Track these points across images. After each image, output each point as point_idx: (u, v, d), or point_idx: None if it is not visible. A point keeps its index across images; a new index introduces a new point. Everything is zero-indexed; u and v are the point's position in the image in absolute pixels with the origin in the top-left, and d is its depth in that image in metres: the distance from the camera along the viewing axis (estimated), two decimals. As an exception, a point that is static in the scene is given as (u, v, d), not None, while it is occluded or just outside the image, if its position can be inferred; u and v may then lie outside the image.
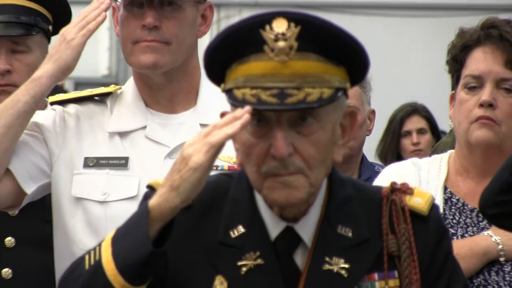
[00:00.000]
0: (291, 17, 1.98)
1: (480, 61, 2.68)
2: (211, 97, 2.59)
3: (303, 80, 1.98)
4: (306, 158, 2.01)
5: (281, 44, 1.98)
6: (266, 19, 1.99)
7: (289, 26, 1.98)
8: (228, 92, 2.04)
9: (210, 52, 2.06)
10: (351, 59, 2.04)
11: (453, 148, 2.83)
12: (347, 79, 2.05)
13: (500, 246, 2.59)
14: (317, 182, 2.05)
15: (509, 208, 2.38)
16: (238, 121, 1.95)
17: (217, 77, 2.09)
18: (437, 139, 5.14)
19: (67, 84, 2.55)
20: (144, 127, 2.74)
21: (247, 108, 1.96)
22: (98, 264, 1.97)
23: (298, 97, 1.97)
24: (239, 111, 1.96)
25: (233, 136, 1.97)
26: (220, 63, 2.06)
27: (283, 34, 1.98)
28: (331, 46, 2.01)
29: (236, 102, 2.00)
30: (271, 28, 1.98)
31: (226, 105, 2.07)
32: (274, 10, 2.02)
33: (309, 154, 2.01)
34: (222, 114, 2.03)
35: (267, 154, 2.00)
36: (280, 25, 1.98)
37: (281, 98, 1.97)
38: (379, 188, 2.16)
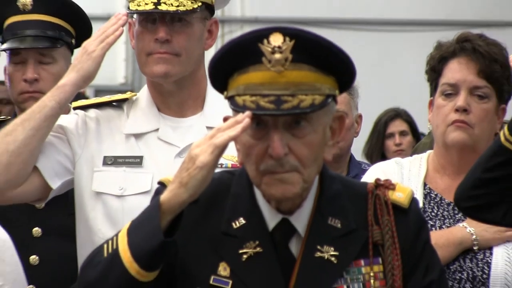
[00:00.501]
0: (286, 32, 2.00)
1: (456, 71, 2.68)
2: (216, 103, 2.57)
3: (297, 88, 2.00)
4: (300, 157, 2.02)
5: (277, 56, 1.99)
6: (264, 34, 2.00)
7: (284, 40, 1.99)
8: (230, 99, 2.05)
9: (214, 63, 2.07)
10: (339, 69, 2.05)
11: (431, 148, 2.83)
12: (336, 87, 2.06)
13: (474, 237, 2.59)
14: (310, 179, 2.06)
15: (481, 202, 2.39)
16: (239, 124, 1.96)
17: (220, 85, 2.10)
18: (417, 140, 5.12)
19: (88, 91, 2.54)
20: (157, 130, 2.74)
21: (247, 113, 1.97)
22: (115, 253, 1.97)
23: (293, 103, 1.98)
24: (240, 116, 1.97)
25: (235, 138, 1.98)
26: (222, 73, 2.07)
27: (279, 47, 1.99)
28: (321, 58, 2.02)
29: (237, 108, 2.01)
30: (268, 42, 1.99)
31: (229, 110, 2.08)
32: (272, 25, 2.03)
33: (302, 154, 2.02)
34: (225, 119, 2.04)
35: (265, 154, 2.01)
36: (276, 39, 1.99)
37: (278, 104, 1.98)
38: (364, 184, 2.17)
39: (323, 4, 9.05)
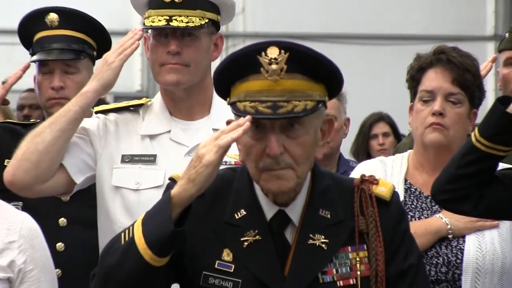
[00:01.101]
0: (282, 46, 2.01)
1: (433, 79, 2.69)
2: (221, 108, 2.54)
3: (291, 95, 2.01)
4: (294, 156, 2.03)
5: (273, 66, 2.00)
6: (262, 47, 2.02)
7: (280, 53, 2.01)
8: (232, 105, 2.06)
9: (219, 72, 2.09)
10: (329, 78, 2.07)
11: (411, 148, 2.83)
12: (326, 94, 2.08)
13: (449, 226, 2.61)
14: (303, 175, 2.07)
15: (454, 195, 2.40)
16: (240, 127, 1.98)
17: (224, 92, 2.11)
18: (398, 140, 5.12)
19: (108, 97, 2.53)
20: (169, 131, 2.75)
21: (248, 117, 1.99)
22: (132, 241, 1.99)
23: (287, 108, 2.00)
24: (241, 120, 1.99)
25: (237, 140, 2.00)
26: (226, 82, 2.09)
27: (275, 59, 2.00)
28: (313, 68, 2.04)
29: (239, 113, 2.03)
30: (266, 54, 2.01)
31: (232, 115, 2.09)
32: (269, 40, 2.05)
33: (296, 153, 2.03)
34: (228, 122, 2.06)
35: (263, 153, 2.03)
36: (273, 52, 2.01)
37: (274, 109, 1.99)
38: (352, 179, 2.18)
39: (316, 20, 8.99)
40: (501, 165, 2.46)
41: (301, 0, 9.15)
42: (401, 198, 2.55)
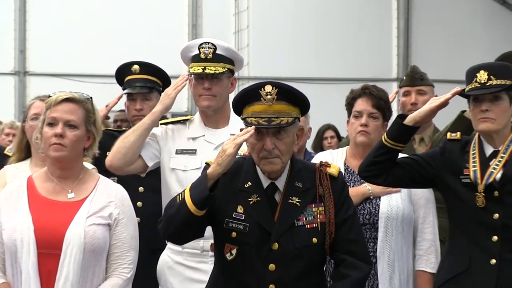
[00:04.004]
0: (274, 84, 2.03)
1: (360, 104, 2.66)
2: (235, 121, 2.54)
3: (279, 113, 2.02)
4: (280, 150, 2.04)
5: (268, 97, 2.02)
6: (261, 85, 2.04)
7: (272, 88, 2.02)
8: (243, 119, 2.08)
9: (235, 100, 2.10)
10: (301, 104, 2.08)
11: (348, 145, 2.81)
12: (299, 113, 2.09)
13: (370, 191, 2.58)
14: (286, 161, 2.08)
15: (372, 173, 2.39)
16: (248, 133, 2.00)
17: (238, 112, 2.12)
18: (340, 140, 5.10)
19: (168, 115, 2.56)
20: (204, 135, 2.73)
21: (253, 127, 2.01)
22: (183, 200, 1.99)
23: (277, 122, 2.01)
24: (249, 128, 2.01)
25: (246, 140, 2.01)
26: (239, 105, 2.10)
27: (269, 92, 2.02)
28: (292, 98, 2.05)
29: (247, 124, 2.04)
30: (263, 89, 2.02)
31: (242, 125, 2.09)
32: (265, 81, 2.07)
33: (282, 148, 2.04)
34: (241, 129, 2.06)
35: (262, 148, 2.04)
36: (268, 88, 2.02)
37: (269, 122, 2.01)
38: (313, 164, 2.18)
39: (293, 69, 9.03)
40: (400, 155, 2.45)
41: (284, 57, 9.14)
42: (343, 174, 2.52)
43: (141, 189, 3.10)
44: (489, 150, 2.34)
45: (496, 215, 2.24)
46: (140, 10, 8.90)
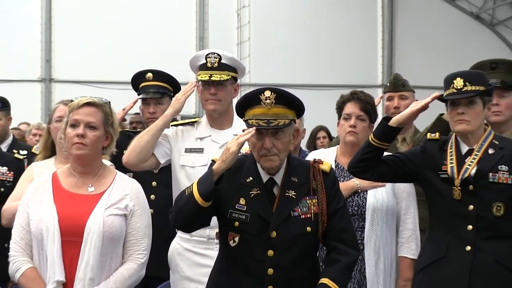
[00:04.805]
0: (272, 90, 2.01)
1: (349, 108, 2.66)
2: (238, 122, 2.52)
3: (277, 116, 2.00)
4: (278, 149, 2.02)
5: (267, 101, 2.00)
6: (261, 91, 2.02)
7: (271, 93, 2.00)
8: (245, 121, 2.05)
9: (238, 104, 2.08)
10: (297, 107, 2.06)
11: (338, 144, 2.79)
12: (295, 116, 2.06)
13: (358, 185, 2.58)
14: (283, 159, 2.06)
15: (360, 169, 2.37)
16: (249, 133, 1.97)
17: (241, 114, 2.10)
18: (331, 140, 5.09)
19: (178, 117, 2.55)
20: (210, 135, 2.71)
21: (253, 128, 1.98)
22: (191, 193, 1.97)
23: (275, 123, 1.99)
24: (250, 129, 1.99)
25: (247, 140, 1.99)
26: (242, 108, 2.07)
27: (268, 97, 2.00)
28: (289, 102, 2.03)
29: (249, 125, 2.02)
30: (263, 94, 2.00)
31: (244, 126, 2.07)
32: (264, 87, 2.05)
33: (280, 147, 2.02)
34: (243, 130, 2.04)
35: (262, 147, 2.02)
36: (267, 93, 2.00)
37: (268, 123, 1.99)
38: (308, 161, 2.16)
39: (290, 76, 9.05)
40: (385, 153, 2.43)
41: (281, 66, 9.14)
42: (334, 170, 2.50)
43: (154, 183, 3.08)
44: (464, 148, 2.33)
45: (471, 207, 2.24)
46: (154, 24, 8.99)
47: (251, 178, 2.05)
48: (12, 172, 3.14)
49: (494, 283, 2.19)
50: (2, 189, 3.10)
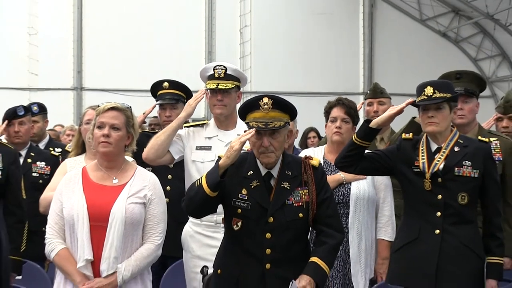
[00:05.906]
0: (269, 97, 2.00)
1: (336, 112, 2.64)
2: (241, 124, 2.51)
3: (274, 119, 1.99)
4: (275, 147, 2.01)
5: (266, 106, 1.99)
6: (260, 97, 2.00)
7: (269, 100, 1.99)
8: (247, 123, 2.04)
9: (241, 109, 2.07)
10: (291, 111, 2.04)
11: (326, 143, 2.78)
12: (289, 119, 2.05)
13: (344, 178, 2.57)
14: (279, 155, 2.05)
15: (345, 164, 2.36)
16: (250, 133, 1.97)
17: (243, 117, 2.08)
18: (320, 139, 5.05)
19: (190, 120, 2.52)
20: (217, 135, 2.69)
21: (253, 129, 1.98)
22: (201, 184, 1.96)
23: (272, 125, 1.98)
24: (250, 130, 1.98)
25: (249, 139, 1.98)
26: (244, 113, 2.06)
27: (266, 103, 1.99)
28: (284, 107, 2.02)
29: (249, 127, 2.01)
30: (262, 101, 1.99)
31: (246, 128, 2.06)
32: (263, 94, 2.03)
33: (276, 145, 2.01)
34: (245, 131, 2.03)
35: (261, 145, 2.01)
36: (265, 100, 1.99)
37: (266, 125, 1.98)
38: (300, 157, 2.14)
39: (287, 84, 9.04)
40: (366, 151, 2.41)
41: (278, 76, 9.14)
42: (322, 165, 2.48)
43: (169, 176, 3.07)
44: (434, 146, 2.32)
45: (440, 196, 2.24)
46: (170, 41, 9.16)
47: (251, 172, 2.04)
48: (49, 167, 3.21)
49: (459, 262, 2.20)
50: (40, 181, 3.16)
